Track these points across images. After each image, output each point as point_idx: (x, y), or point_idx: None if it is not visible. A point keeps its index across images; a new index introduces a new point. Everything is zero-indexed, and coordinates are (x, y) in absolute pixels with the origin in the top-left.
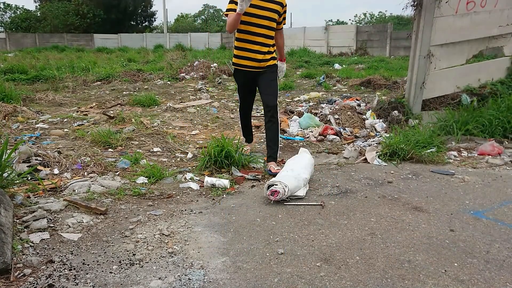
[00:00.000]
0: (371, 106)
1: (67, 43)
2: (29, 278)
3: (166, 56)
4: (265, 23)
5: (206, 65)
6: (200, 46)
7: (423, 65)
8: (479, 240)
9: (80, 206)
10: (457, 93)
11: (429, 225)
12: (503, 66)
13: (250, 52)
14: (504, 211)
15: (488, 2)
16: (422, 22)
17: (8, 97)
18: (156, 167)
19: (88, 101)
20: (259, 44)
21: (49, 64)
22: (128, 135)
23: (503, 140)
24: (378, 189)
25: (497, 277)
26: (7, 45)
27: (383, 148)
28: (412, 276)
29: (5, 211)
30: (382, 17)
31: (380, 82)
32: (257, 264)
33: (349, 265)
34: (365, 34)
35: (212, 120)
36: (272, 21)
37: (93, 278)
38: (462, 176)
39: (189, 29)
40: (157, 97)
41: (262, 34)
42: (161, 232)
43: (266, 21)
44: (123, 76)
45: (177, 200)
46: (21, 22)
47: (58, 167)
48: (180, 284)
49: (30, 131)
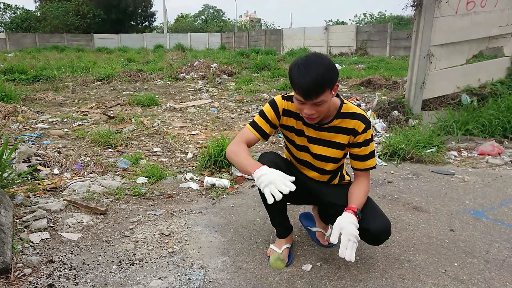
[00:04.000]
0: (371, 106)
1: (67, 43)
2: (29, 278)
3: (166, 56)
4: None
5: (206, 65)
6: (200, 46)
7: (423, 65)
8: (479, 240)
9: (80, 206)
10: (457, 93)
11: (429, 225)
12: (503, 66)
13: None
14: (504, 211)
15: (488, 2)
16: (422, 22)
17: (8, 97)
18: (156, 167)
19: (88, 101)
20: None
21: (49, 64)
22: (128, 135)
23: (503, 140)
24: (378, 189)
25: (497, 277)
26: (7, 45)
27: (383, 148)
28: (412, 276)
29: (5, 211)
30: (382, 17)
31: (380, 82)
32: (257, 264)
33: (349, 265)
34: (365, 34)
35: (212, 120)
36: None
37: (93, 278)
38: (462, 176)
39: (189, 29)
40: (157, 97)
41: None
42: (161, 232)
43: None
44: (123, 76)
45: (177, 200)
46: (21, 22)
47: (58, 167)
48: (180, 284)
49: (30, 131)
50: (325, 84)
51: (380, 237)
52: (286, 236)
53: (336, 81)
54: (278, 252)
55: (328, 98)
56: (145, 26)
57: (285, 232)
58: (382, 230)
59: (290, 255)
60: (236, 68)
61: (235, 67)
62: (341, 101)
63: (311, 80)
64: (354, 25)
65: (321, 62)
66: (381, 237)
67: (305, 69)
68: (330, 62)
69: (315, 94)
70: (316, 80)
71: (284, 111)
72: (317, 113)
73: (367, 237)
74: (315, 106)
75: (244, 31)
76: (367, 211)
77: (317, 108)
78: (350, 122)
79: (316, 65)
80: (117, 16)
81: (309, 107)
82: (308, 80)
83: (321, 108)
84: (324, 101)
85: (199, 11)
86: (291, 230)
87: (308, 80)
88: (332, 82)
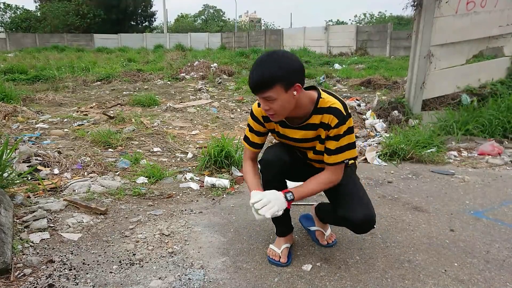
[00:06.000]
0: (371, 106)
1: (67, 43)
2: (29, 278)
3: (166, 56)
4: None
5: (206, 65)
6: (200, 46)
7: (423, 65)
8: (479, 240)
9: (80, 206)
10: (457, 93)
11: (429, 225)
12: (503, 66)
13: None
14: (504, 211)
15: (488, 2)
16: (422, 22)
17: (8, 97)
18: (156, 167)
19: (88, 101)
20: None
21: (49, 64)
22: (128, 135)
23: (503, 140)
24: (378, 189)
25: (497, 277)
26: (7, 45)
27: (383, 148)
28: (412, 276)
29: (5, 211)
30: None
31: (380, 82)
32: (257, 264)
33: (349, 265)
34: (365, 34)
35: (212, 120)
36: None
37: (93, 278)
38: (462, 176)
39: (189, 29)
40: (157, 97)
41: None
42: (161, 232)
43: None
44: (123, 76)
45: (177, 200)
46: (21, 22)
47: (58, 167)
48: (180, 284)
49: (30, 131)
50: (273, 80)
51: (362, 227)
52: (285, 235)
53: (295, 81)
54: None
55: (279, 96)
56: (145, 26)
57: (284, 231)
58: (362, 220)
59: (289, 254)
60: (236, 68)
61: (235, 67)
62: (319, 95)
63: (257, 75)
64: (354, 25)
65: (277, 59)
66: (363, 227)
67: (258, 64)
68: (290, 61)
69: (260, 89)
70: (262, 76)
71: (263, 118)
72: (271, 109)
73: (349, 226)
74: (267, 102)
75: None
76: (350, 199)
77: (270, 104)
78: (325, 117)
79: (270, 62)
80: (117, 16)
81: (262, 102)
82: (255, 74)
83: (273, 105)
84: (273, 98)
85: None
86: (291, 230)
87: (255, 75)
88: (285, 81)
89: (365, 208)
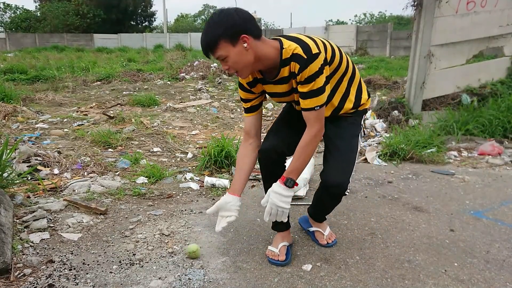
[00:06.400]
0: (371, 106)
1: (67, 43)
2: (29, 278)
3: (166, 56)
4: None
5: (206, 65)
6: (200, 46)
7: (423, 65)
8: (479, 240)
9: (80, 206)
10: (457, 93)
11: (429, 225)
12: (503, 66)
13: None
14: (504, 211)
15: (488, 2)
16: (422, 22)
17: (8, 97)
18: (156, 167)
19: (88, 101)
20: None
21: (49, 64)
22: (128, 135)
23: (503, 140)
24: (378, 189)
25: (497, 277)
26: (7, 45)
27: (383, 148)
28: (412, 276)
29: (5, 211)
30: (382, 17)
31: (380, 82)
32: (257, 264)
33: (349, 265)
34: (365, 34)
35: (212, 120)
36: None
37: (93, 278)
38: (462, 176)
39: (189, 29)
40: (157, 97)
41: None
42: (161, 232)
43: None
44: (123, 76)
45: (177, 200)
46: (21, 22)
47: (58, 167)
48: (180, 284)
49: (30, 131)
50: (216, 39)
51: (331, 189)
52: (281, 230)
53: (240, 33)
54: (197, 246)
55: (229, 53)
56: (145, 26)
57: (277, 223)
58: (332, 184)
59: (288, 253)
60: None
61: None
62: (281, 46)
63: (202, 40)
64: (354, 25)
65: (217, 19)
66: (332, 190)
67: (203, 30)
68: (228, 16)
69: (209, 51)
70: (205, 39)
71: (248, 84)
72: (230, 68)
73: (324, 190)
74: (223, 62)
75: None
76: (330, 163)
77: (226, 63)
78: (292, 66)
79: (211, 24)
80: (117, 16)
81: (221, 64)
82: (202, 40)
83: (230, 63)
84: (224, 55)
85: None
86: (288, 228)
87: (202, 41)
88: (228, 35)
89: (340, 172)
